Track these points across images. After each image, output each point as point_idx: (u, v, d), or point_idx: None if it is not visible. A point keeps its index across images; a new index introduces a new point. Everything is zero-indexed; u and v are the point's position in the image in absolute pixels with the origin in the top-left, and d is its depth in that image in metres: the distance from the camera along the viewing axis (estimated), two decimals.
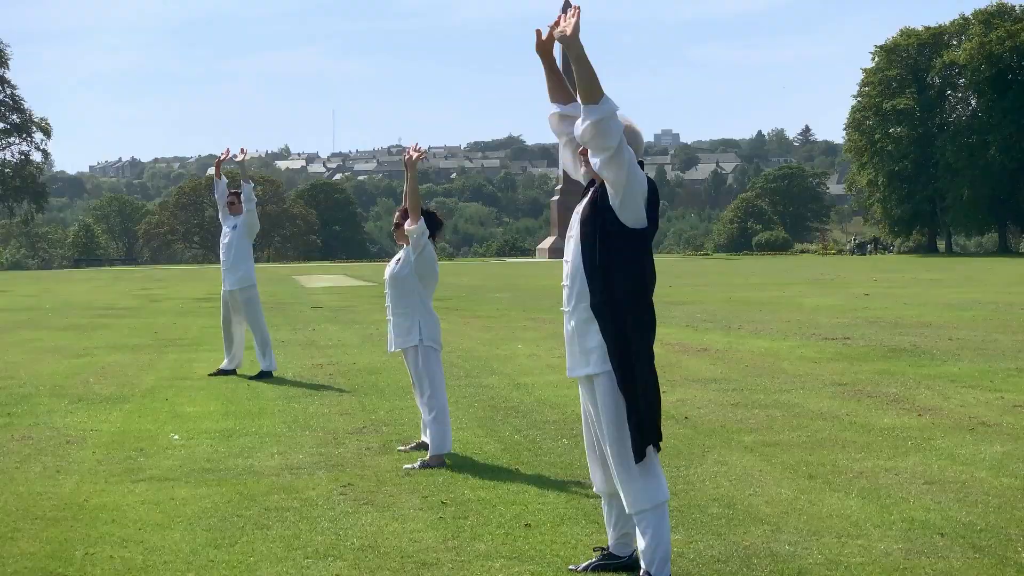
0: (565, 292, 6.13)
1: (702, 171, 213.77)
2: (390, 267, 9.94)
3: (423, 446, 9.97)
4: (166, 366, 16.89)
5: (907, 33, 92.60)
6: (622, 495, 5.95)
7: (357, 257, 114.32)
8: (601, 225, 5.89)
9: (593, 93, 5.69)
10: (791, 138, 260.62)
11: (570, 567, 6.41)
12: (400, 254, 9.92)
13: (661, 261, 78.04)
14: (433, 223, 9.77)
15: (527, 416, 11.70)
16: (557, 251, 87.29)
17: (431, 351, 9.70)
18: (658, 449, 5.95)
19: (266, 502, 8.10)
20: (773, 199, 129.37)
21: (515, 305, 30.08)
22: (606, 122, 5.67)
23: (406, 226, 9.69)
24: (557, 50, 6.08)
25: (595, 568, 6.30)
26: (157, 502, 8.18)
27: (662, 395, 6.14)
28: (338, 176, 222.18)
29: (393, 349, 9.94)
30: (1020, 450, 9.47)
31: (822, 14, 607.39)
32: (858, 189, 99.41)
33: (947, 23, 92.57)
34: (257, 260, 16.29)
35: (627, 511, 5.96)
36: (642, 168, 5.92)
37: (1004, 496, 7.90)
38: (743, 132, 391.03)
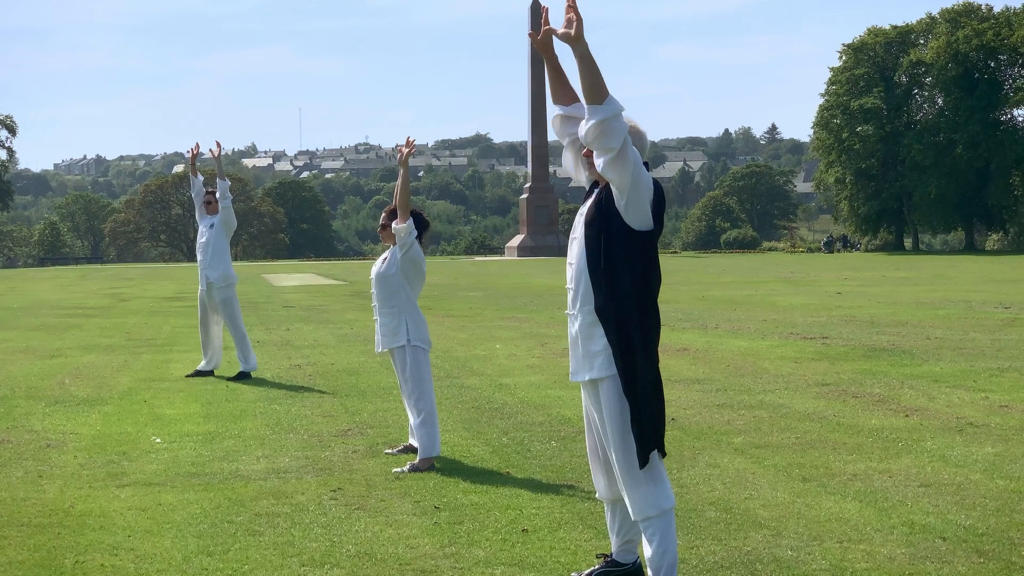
0: (569, 295, 6.01)
1: (669, 169, 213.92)
2: (376, 266, 9.82)
3: (410, 449, 9.86)
4: (141, 367, 16.70)
5: (874, 32, 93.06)
6: (627, 501, 5.85)
7: (325, 255, 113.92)
8: (606, 227, 5.78)
9: (598, 93, 5.58)
10: (758, 136, 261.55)
11: (572, 574, 6.31)
12: (386, 254, 9.80)
13: None
14: (420, 223, 9.66)
15: (512, 418, 11.60)
16: (526, 249, 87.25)
17: (419, 351, 9.58)
18: (663, 455, 5.86)
19: (256, 507, 7.97)
20: (741, 197, 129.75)
21: (488, 304, 29.97)
22: (610, 122, 5.57)
23: (394, 225, 9.57)
24: (559, 49, 5.96)
25: (598, 575, 6.20)
26: (144, 508, 8.03)
27: None
28: (305, 174, 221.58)
29: (381, 349, 9.81)
30: (1011, 451, 9.43)
31: (789, 14, 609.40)
32: (826, 187, 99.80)
33: (914, 22, 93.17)
34: None
35: (633, 518, 5.86)
36: (648, 169, 5.82)
37: (1001, 499, 7.85)
38: (710, 130, 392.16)
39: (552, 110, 6.19)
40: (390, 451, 9.92)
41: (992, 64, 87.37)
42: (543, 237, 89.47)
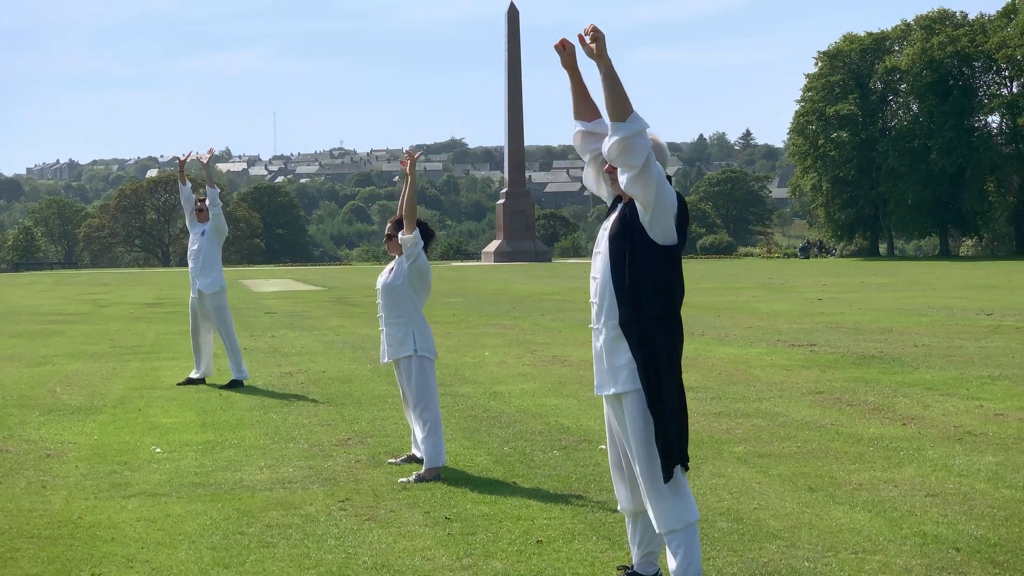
0: (594, 309, 6.02)
1: None
2: (383, 277, 9.81)
3: (413, 459, 9.85)
4: (131, 375, 16.64)
5: (850, 39, 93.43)
6: (652, 515, 5.87)
7: (300, 260, 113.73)
8: (631, 242, 5.80)
9: (621, 110, 5.61)
10: (732, 142, 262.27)
11: None
12: (392, 264, 9.80)
13: None
14: (426, 233, 9.66)
15: (511, 427, 11.61)
16: (503, 254, 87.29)
17: (425, 361, 9.58)
18: (686, 469, 5.88)
19: (266, 519, 7.95)
20: (716, 203, 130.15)
21: (471, 310, 29.97)
22: (633, 140, 5.59)
23: (400, 236, 9.57)
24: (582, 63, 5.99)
25: None
26: (153, 519, 8.01)
27: None
28: (280, 179, 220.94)
29: (387, 360, 9.79)
30: (1013, 460, 9.49)
31: (763, 20, 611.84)
32: (802, 193, 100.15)
33: (889, 29, 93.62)
34: None
35: (657, 531, 5.88)
36: (670, 182, 5.84)
37: (1009, 508, 7.91)
38: (684, 136, 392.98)
39: (573, 126, 6.20)
40: (393, 461, 9.92)
41: (967, 71, 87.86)
42: (520, 242, 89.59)
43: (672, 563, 5.82)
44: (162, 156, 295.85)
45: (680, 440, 5.81)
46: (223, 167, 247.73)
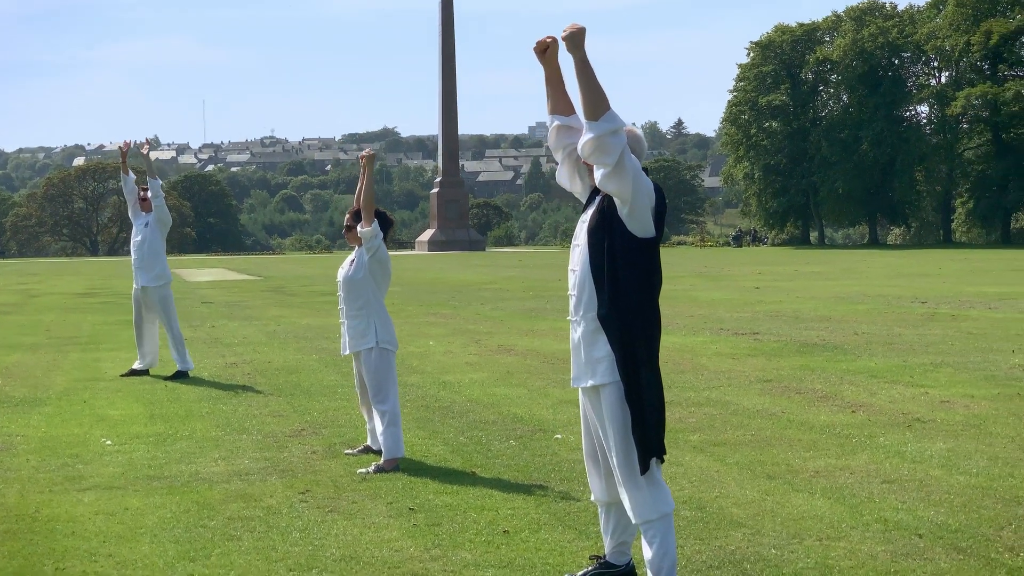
0: (572, 301, 6.03)
1: None
2: (343, 269, 9.75)
3: (369, 450, 9.83)
4: (72, 366, 16.44)
5: (782, 30, 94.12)
6: (628, 505, 5.89)
7: (232, 250, 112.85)
8: (609, 234, 5.81)
9: (596, 108, 5.63)
10: (664, 131, 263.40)
11: (566, 575, 6.34)
12: (352, 255, 9.74)
13: (540, 254, 78.53)
14: (384, 223, 9.62)
15: (464, 416, 11.60)
16: (437, 243, 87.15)
17: (387, 353, 9.55)
18: (661, 461, 5.92)
19: (227, 511, 7.89)
20: None
21: (410, 300, 29.88)
22: (605, 138, 5.62)
23: (359, 228, 9.52)
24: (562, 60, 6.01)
25: None
26: (111, 512, 7.92)
27: None
28: (210, 167, 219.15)
29: (347, 352, 9.74)
30: (963, 447, 9.63)
31: (693, 9, 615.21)
32: (734, 182, 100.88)
33: (820, 20, 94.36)
34: (129, 253, 15.89)
35: (633, 521, 5.91)
36: (647, 174, 5.86)
37: (965, 495, 8.01)
38: None
39: (549, 120, 6.19)
40: (350, 452, 9.87)
41: (896, 61, 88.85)
42: (454, 231, 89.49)
43: (648, 553, 5.85)
44: (89, 144, 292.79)
45: (657, 432, 5.84)
46: (152, 155, 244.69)
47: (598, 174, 5.75)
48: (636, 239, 5.81)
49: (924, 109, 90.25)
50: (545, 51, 5.99)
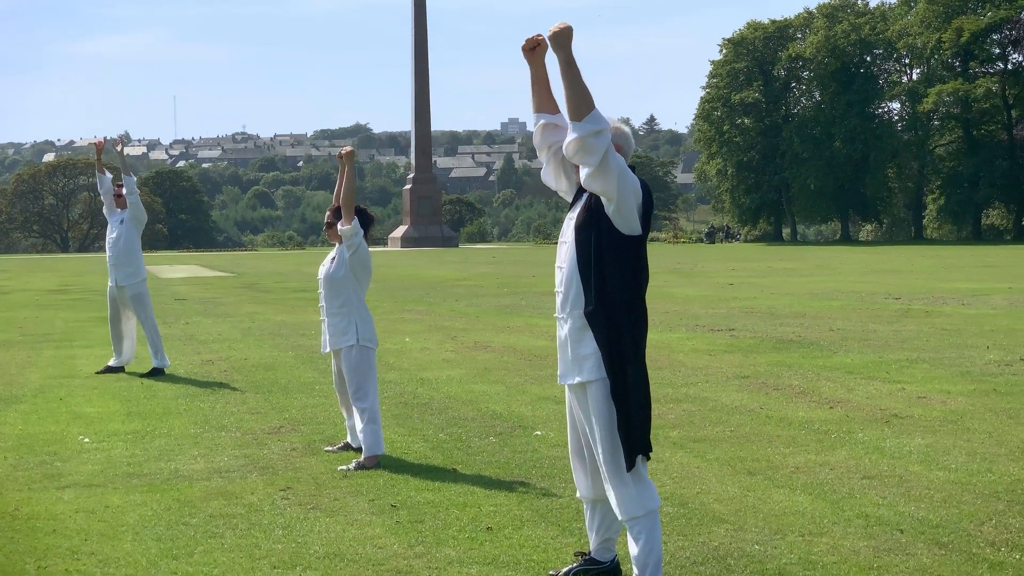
0: (559, 298, 6.04)
1: None
2: (324, 267, 9.73)
3: (349, 447, 9.81)
4: (47, 363, 16.35)
5: (754, 26, 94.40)
6: (614, 502, 5.91)
7: (204, 246, 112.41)
8: (596, 232, 5.82)
9: (579, 108, 5.64)
10: (636, 127, 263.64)
11: (551, 572, 6.34)
12: (333, 253, 9.71)
13: (513, 250, 78.51)
14: (365, 220, 9.61)
15: (443, 413, 11.59)
16: (410, 240, 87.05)
17: (367, 350, 9.54)
18: (647, 458, 5.93)
19: (208, 509, 7.87)
20: None
21: (384, 296, 29.82)
22: (589, 139, 5.64)
23: (340, 226, 9.50)
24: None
25: (576, 573, 6.25)
26: (92, 510, 7.88)
27: None
28: (181, 163, 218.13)
29: (327, 350, 9.71)
30: (941, 443, 9.67)
31: (665, 6, 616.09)
32: (707, 179, 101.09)
33: (793, 17, 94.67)
34: (101, 250, 15.83)
35: (619, 517, 5.93)
36: (633, 171, 5.87)
37: (945, 490, 8.06)
38: None
39: (535, 119, 6.19)
40: (330, 448, 9.86)
41: (868, 58, 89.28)
42: (427, 228, 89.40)
43: (634, 549, 5.87)
44: (59, 140, 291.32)
45: (643, 429, 5.86)
46: (125, 151, 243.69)
47: (583, 173, 5.76)
48: (623, 236, 5.82)
49: (896, 106, 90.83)
50: (534, 49, 5.98)
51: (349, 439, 9.86)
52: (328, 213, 9.75)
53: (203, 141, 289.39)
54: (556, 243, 6.25)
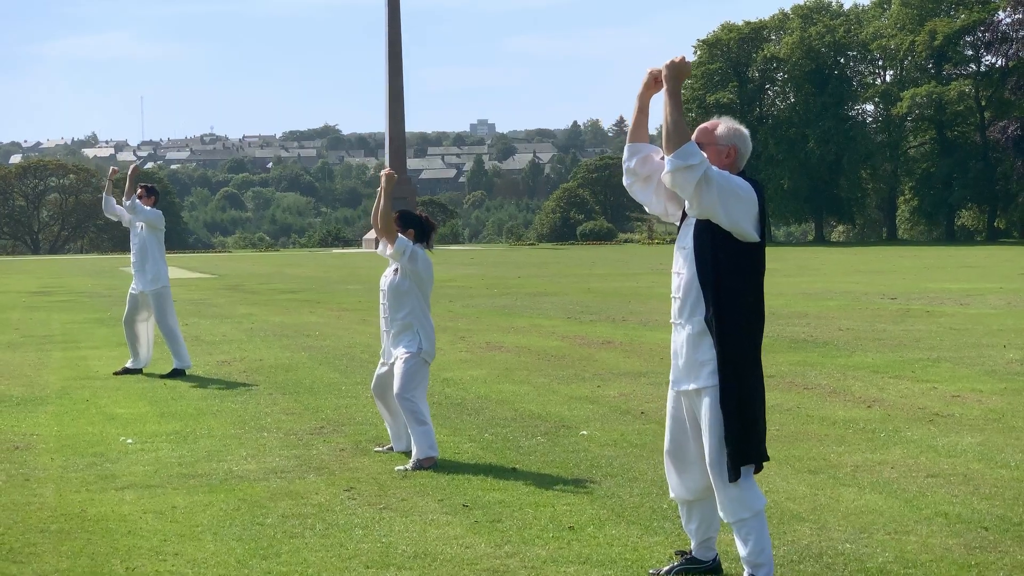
0: (676, 304, 6.05)
1: (519, 161, 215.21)
2: (387, 277, 9.67)
3: (392, 450, 9.73)
4: (59, 365, 16.21)
5: (728, 28, 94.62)
6: (720, 503, 5.93)
7: (176, 248, 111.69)
8: (716, 239, 5.84)
9: (675, 141, 5.72)
10: (606, 128, 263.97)
11: (651, 571, 6.32)
12: (395, 263, 9.65)
13: (489, 251, 78.44)
14: (425, 229, 9.62)
15: (480, 414, 11.55)
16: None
17: (425, 364, 9.44)
18: (759, 468, 5.94)
19: (278, 509, 7.80)
20: (594, 189, 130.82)
21: (375, 298, 29.59)
22: (679, 174, 5.72)
23: (386, 253, 9.52)
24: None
25: (678, 572, 6.23)
26: (160, 511, 7.81)
27: (608, 388, 6.00)
28: (150, 165, 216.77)
29: (390, 361, 9.58)
30: (993, 440, 9.70)
31: (637, 7, 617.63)
32: None
33: (767, 18, 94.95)
34: (73, 252, 15.68)
35: (725, 520, 5.96)
36: (743, 177, 5.90)
37: (1014, 487, 8.08)
38: (559, 123, 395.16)
39: (629, 148, 6.23)
40: (379, 449, 9.80)
41: (842, 60, 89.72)
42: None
43: (743, 550, 5.89)
44: (26, 141, 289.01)
45: (756, 438, 5.91)
46: (89, 152, 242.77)
47: (686, 203, 5.82)
48: (740, 244, 5.86)
49: (870, 108, 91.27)
50: (657, 80, 6.02)
51: (392, 443, 9.77)
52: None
53: (171, 142, 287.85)
54: (530, 245, 6.28)
